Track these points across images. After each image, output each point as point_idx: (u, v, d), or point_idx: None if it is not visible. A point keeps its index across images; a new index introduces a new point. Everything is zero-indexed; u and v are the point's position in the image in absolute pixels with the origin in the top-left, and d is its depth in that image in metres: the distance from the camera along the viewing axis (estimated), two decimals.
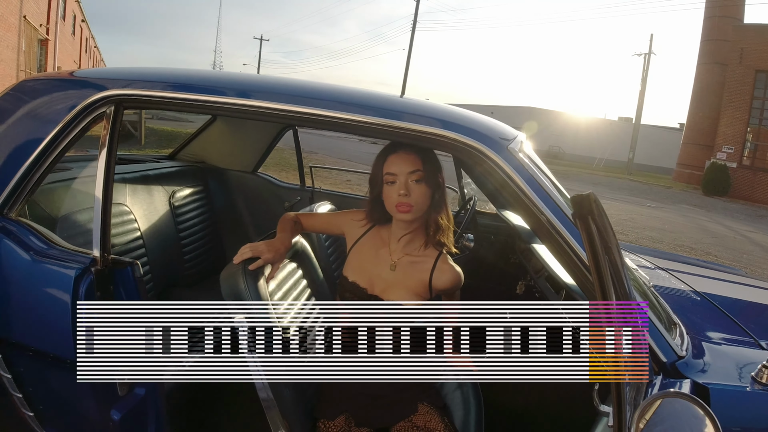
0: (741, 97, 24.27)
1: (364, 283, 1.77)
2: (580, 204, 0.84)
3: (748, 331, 1.84)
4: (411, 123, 1.52)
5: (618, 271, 0.96)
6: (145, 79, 1.68)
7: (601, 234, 0.86)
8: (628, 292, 1.04)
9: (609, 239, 0.90)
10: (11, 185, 1.66)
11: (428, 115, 1.54)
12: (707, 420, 0.95)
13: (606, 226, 0.88)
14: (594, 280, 0.92)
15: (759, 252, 10.81)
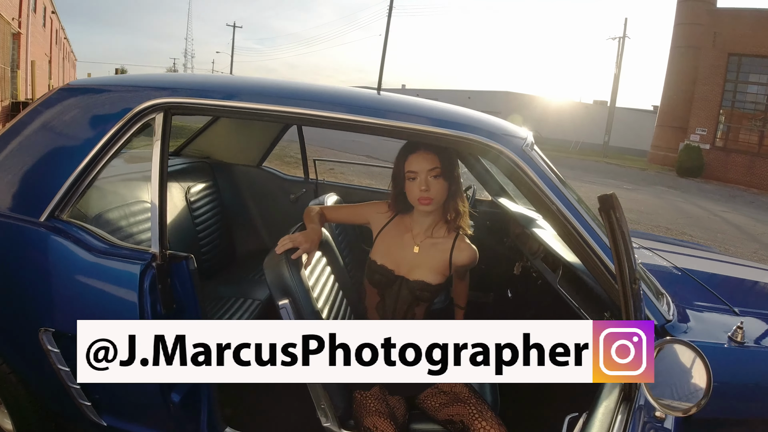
0: (714, 80, 24.68)
1: (391, 265, 1.98)
2: (605, 201, 1.08)
3: (723, 300, 2.09)
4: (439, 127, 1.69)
5: (630, 255, 1.19)
6: (192, 87, 1.81)
7: (620, 224, 1.10)
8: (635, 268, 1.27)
9: (624, 228, 1.14)
10: (64, 189, 1.77)
11: (454, 120, 1.72)
12: (698, 358, 1.20)
13: (623, 218, 1.13)
14: (614, 261, 1.16)
15: (733, 231, 11.16)
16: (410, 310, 2.01)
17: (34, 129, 1.86)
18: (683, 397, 1.22)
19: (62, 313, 1.75)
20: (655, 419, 1.32)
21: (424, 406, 1.94)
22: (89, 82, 1.96)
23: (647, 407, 1.32)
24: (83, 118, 1.83)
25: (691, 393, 1.21)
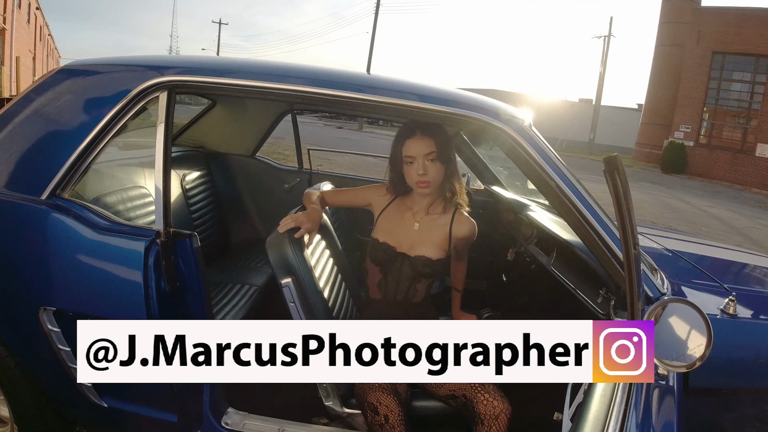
0: (698, 78, 24.96)
1: (393, 243, 2.02)
2: (610, 162, 1.12)
3: (714, 278, 2.15)
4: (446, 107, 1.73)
5: (631, 216, 1.23)
6: (195, 66, 1.81)
7: (623, 185, 1.14)
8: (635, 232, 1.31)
9: (627, 190, 1.18)
10: (65, 167, 1.77)
11: (461, 100, 1.76)
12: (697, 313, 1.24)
13: (626, 180, 1.16)
14: (618, 220, 1.19)
15: (718, 225, 11.34)
16: (412, 286, 2.04)
17: (32, 110, 1.85)
18: (684, 355, 1.26)
19: (64, 292, 1.75)
20: (659, 377, 1.36)
21: (426, 383, 1.96)
22: (88, 62, 1.95)
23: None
24: (83, 98, 1.83)
25: (693, 349, 1.25)
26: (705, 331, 1.23)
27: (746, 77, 24.05)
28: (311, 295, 1.79)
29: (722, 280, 2.15)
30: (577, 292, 2.07)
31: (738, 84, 24.42)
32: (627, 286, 1.27)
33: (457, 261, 2.34)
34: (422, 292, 2.08)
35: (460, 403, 1.84)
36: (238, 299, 2.68)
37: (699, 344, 1.24)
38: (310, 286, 1.79)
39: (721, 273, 2.43)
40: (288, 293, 1.74)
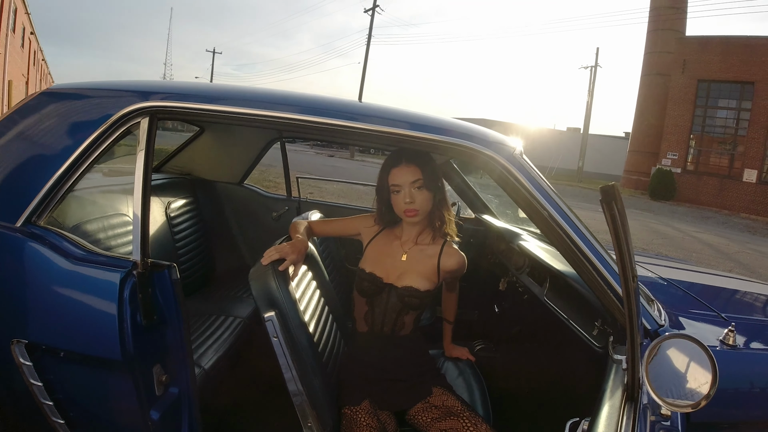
0: (684, 106, 25.31)
1: (380, 273, 1.96)
2: (607, 192, 1.05)
3: (711, 307, 2.11)
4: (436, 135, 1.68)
5: (630, 249, 1.17)
6: (179, 91, 1.76)
7: (621, 216, 1.08)
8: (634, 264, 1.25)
9: (625, 221, 1.12)
10: (41, 194, 1.69)
11: (450, 128, 1.72)
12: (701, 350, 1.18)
13: (623, 210, 1.10)
14: (616, 252, 1.13)
15: (707, 250, 11.35)
16: (399, 318, 1.97)
17: (13, 133, 1.78)
18: (687, 393, 1.20)
19: (37, 324, 1.67)
20: (662, 417, 1.29)
21: (415, 422, 1.90)
22: (71, 86, 1.89)
23: (652, 405, 1.29)
24: (64, 122, 1.77)
25: (697, 387, 1.19)
26: (710, 368, 1.17)
27: (731, 104, 24.41)
28: (295, 329, 1.71)
29: (719, 308, 2.11)
30: (571, 324, 2.02)
31: (723, 111, 24.78)
32: (627, 321, 1.21)
33: (449, 292, 2.29)
34: (410, 325, 2.01)
35: None
36: (222, 332, 2.59)
37: (704, 382, 1.18)
38: (294, 320, 1.71)
39: (717, 301, 2.39)
40: (271, 328, 1.66)
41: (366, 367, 1.96)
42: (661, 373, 1.21)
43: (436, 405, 1.88)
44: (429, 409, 1.88)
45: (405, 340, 2.00)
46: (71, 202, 2.02)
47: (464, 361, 2.33)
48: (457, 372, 2.25)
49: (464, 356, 2.33)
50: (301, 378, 1.68)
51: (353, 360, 2.01)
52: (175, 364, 1.74)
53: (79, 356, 1.65)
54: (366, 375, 1.94)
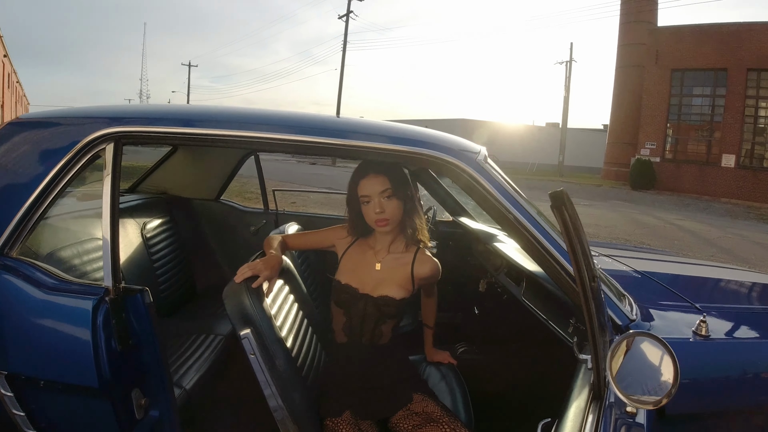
0: (659, 96, 25.65)
1: (355, 284, 1.98)
2: (555, 198, 1.08)
3: (684, 297, 2.13)
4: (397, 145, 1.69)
5: (585, 248, 1.19)
6: (143, 115, 1.77)
7: (573, 220, 1.10)
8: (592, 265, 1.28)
9: (578, 224, 1.14)
10: (12, 225, 1.69)
11: (407, 137, 1.73)
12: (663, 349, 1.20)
13: (575, 214, 1.13)
14: (570, 256, 1.15)
15: (689, 237, 11.49)
16: (377, 327, 1.99)
17: None
18: (652, 390, 1.22)
19: (15, 354, 1.66)
20: (627, 415, 1.32)
21: (398, 430, 1.91)
22: (38, 115, 1.91)
23: (618, 404, 1.31)
24: (31, 151, 1.76)
25: (660, 385, 1.21)
26: (671, 366, 1.20)
27: (706, 91, 24.76)
28: (272, 345, 1.71)
29: (693, 299, 2.13)
30: (548, 323, 2.04)
31: (699, 99, 25.15)
32: (587, 322, 1.23)
33: (427, 297, 2.31)
34: (388, 334, 2.02)
35: None
36: (203, 350, 2.58)
37: (666, 379, 1.20)
38: (270, 336, 1.72)
39: (692, 291, 2.42)
40: (248, 345, 1.66)
41: (346, 378, 1.96)
42: (626, 371, 1.24)
43: (417, 412, 1.89)
44: (410, 417, 1.89)
45: (384, 349, 2.01)
46: (44, 229, 1.98)
47: (446, 365, 2.34)
48: (440, 376, 2.26)
49: (446, 360, 2.35)
50: (281, 393, 1.69)
51: (334, 371, 2.02)
52: (154, 387, 1.74)
53: (58, 385, 1.65)
54: (347, 386, 1.95)
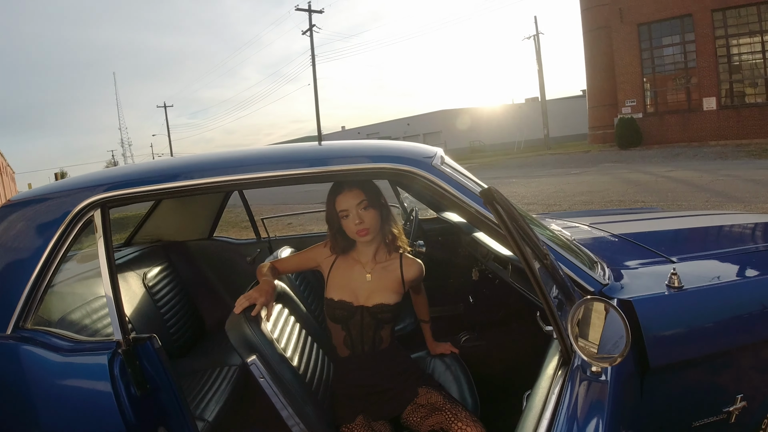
0: (630, 53, 25.71)
1: (349, 298, 2.09)
2: (486, 195, 1.20)
3: (659, 253, 2.22)
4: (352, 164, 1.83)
5: (527, 234, 1.32)
6: (121, 179, 1.89)
7: (507, 211, 1.23)
8: (539, 246, 1.40)
9: (513, 214, 1.27)
10: (23, 299, 1.81)
11: (362, 154, 1.86)
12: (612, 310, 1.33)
13: (508, 205, 1.25)
14: (513, 246, 1.28)
15: (681, 187, 11.60)
16: (376, 334, 2.10)
17: None
18: (611, 350, 1.34)
19: (43, 418, 1.76)
20: (593, 375, 1.43)
21: (409, 423, 2.04)
22: (28, 194, 2.01)
23: (584, 366, 1.43)
24: (28, 228, 1.88)
25: (616, 344, 1.33)
26: (622, 327, 1.31)
27: (675, 40, 24.79)
28: (278, 366, 1.83)
29: (668, 252, 2.22)
30: (536, 301, 2.14)
31: (670, 48, 25.16)
32: (540, 296, 1.36)
33: (416, 295, 2.43)
34: (387, 338, 2.13)
35: None
36: (219, 383, 2.70)
37: (620, 337, 1.32)
38: (275, 358, 1.84)
39: (668, 246, 2.49)
40: (256, 370, 1.79)
41: (354, 388, 2.08)
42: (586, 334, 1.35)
43: (423, 404, 2.02)
44: (417, 410, 2.02)
45: (386, 353, 2.13)
46: (52, 297, 2.07)
47: (449, 355, 2.46)
48: (444, 367, 2.37)
49: (448, 351, 2.47)
50: (295, 410, 1.81)
51: (341, 384, 2.12)
52: (178, 423, 1.85)
53: None
54: (355, 394, 2.07)
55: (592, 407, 1.32)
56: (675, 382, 1.83)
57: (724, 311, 1.88)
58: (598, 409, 1.32)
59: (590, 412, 1.30)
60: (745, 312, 1.89)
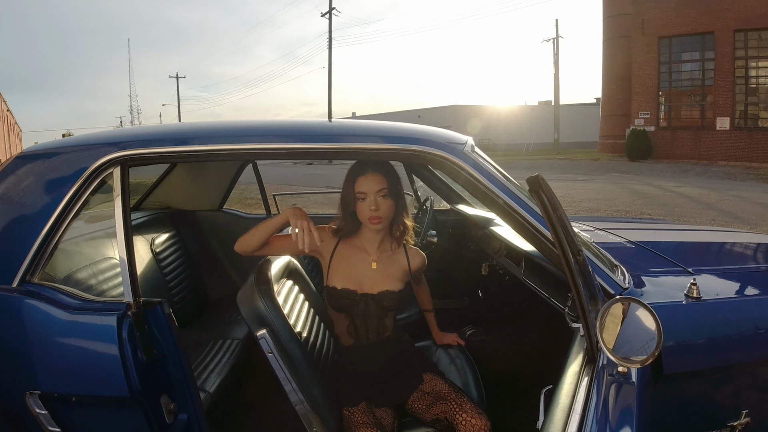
0: (649, 65, 25.58)
1: (353, 286, 2.04)
2: (532, 183, 1.17)
3: (676, 263, 2.21)
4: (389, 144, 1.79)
5: (566, 227, 1.29)
6: (144, 138, 1.85)
7: (551, 201, 1.20)
8: (575, 240, 1.37)
9: (556, 204, 1.24)
10: (32, 253, 1.77)
11: (402, 135, 1.82)
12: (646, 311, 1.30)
13: (552, 195, 1.22)
14: (552, 234, 1.25)
15: (688, 203, 11.54)
16: (381, 322, 2.07)
17: None
18: (640, 350, 1.32)
19: (46, 374, 1.75)
20: (620, 375, 1.41)
21: (413, 411, 2.01)
22: (43, 146, 1.97)
23: (610, 365, 1.41)
24: (42, 181, 1.84)
25: (646, 344, 1.31)
26: (654, 326, 1.29)
27: (695, 56, 24.67)
28: (288, 343, 1.81)
29: (686, 263, 2.20)
30: (549, 299, 2.12)
31: (688, 64, 25.05)
32: (574, 292, 1.33)
33: (418, 285, 2.42)
34: (391, 325, 2.11)
35: (444, 426, 1.90)
36: (221, 355, 2.68)
37: (651, 339, 1.30)
38: (285, 334, 1.82)
39: (686, 256, 2.49)
40: (265, 344, 1.76)
41: (360, 375, 2.05)
42: (615, 334, 1.33)
43: (428, 392, 1.99)
44: (422, 397, 2.00)
45: (390, 341, 2.10)
46: (60, 254, 2.06)
47: (455, 347, 2.44)
48: (449, 359, 2.35)
49: (454, 342, 2.45)
50: (301, 387, 1.78)
51: (346, 372, 2.09)
52: (181, 392, 1.83)
53: (90, 399, 1.74)
54: (361, 381, 2.04)
55: (623, 407, 1.31)
56: (684, 392, 1.82)
57: (740, 326, 1.88)
58: (628, 409, 1.30)
59: (621, 412, 1.29)
60: (762, 327, 1.88)
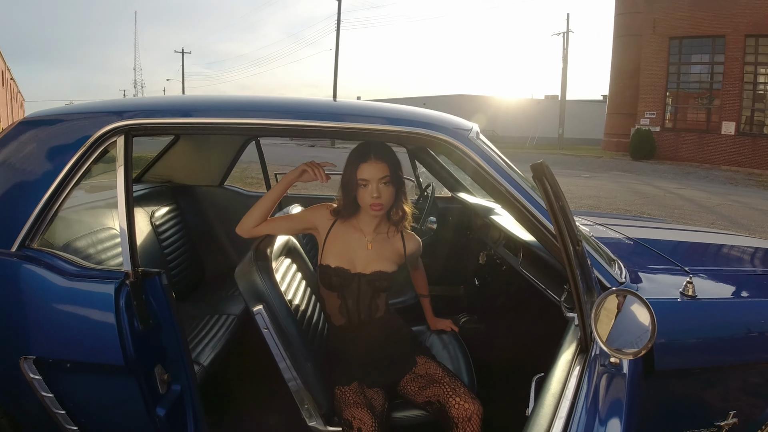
0: (658, 65, 25.47)
1: (346, 265, 2.03)
2: (536, 169, 1.17)
3: (674, 261, 2.22)
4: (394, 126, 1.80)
5: (567, 216, 1.29)
6: (149, 108, 1.85)
7: (554, 189, 1.20)
8: (575, 230, 1.38)
9: (559, 193, 1.24)
10: (32, 218, 1.78)
11: (407, 118, 1.82)
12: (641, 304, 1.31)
13: (556, 183, 1.23)
14: (553, 222, 1.25)
15: (689, 206, 11.52)
16: (373, 302, 2.07)
17: None
18: (633, 343, 1.33)
19: (41, 340, 1.76)
20: (611, 366, 1.42)
21: (405, 393, 2.03)
22: (47, 113, 1.97)
23: (603, 356, 1.42)
24: (44, 148, 1.85)
25: (639, 337, 1.32)
26: (649, 320, 1.30)
27: (704, 59, 24.54)
28: (284, 319, 1.82)
29: (683, 262, 2.21)
30: (545, 290, 2.13)
31: (697, 66, 24.92)
32: (571, 282, 1.34)
33: (415, 270, 2.43)
34: (383, 306, 2.11)
35: (436, 409, 1.91)
36: (216, 330, 2.70)
37: (644, 332, 1.31)
38: (281, 311, 1.83)
39: (683, 255, 2.51)
40: (261, 320, 1.77)
41: (351, 356, 2.06)
42: (609, 325, 1.34)
43: (421, 374, 2.01)
44: (415, 379, 2.01)
45: (381, 321, 2.10)
46: (60, 221, 2.08)
47: (449, 333, 2.45)
48: (442, 344, 2.37)
49: (448, 327, 2.46)
50: (294, 364, 1.81)
51: (338, 352, 2.10)
52: (175, 363, 1.85)
53: (84, 365, 1.76)
54: (354, 358, 2.05)
55: (613, 398, 1.32)
56: (674, 389, 1.84)
57: (733, 327, 1.89)
58: (618, 400, 1.31)
59: (611, 402, 1.30)
60: (754, 331, 1.89)
